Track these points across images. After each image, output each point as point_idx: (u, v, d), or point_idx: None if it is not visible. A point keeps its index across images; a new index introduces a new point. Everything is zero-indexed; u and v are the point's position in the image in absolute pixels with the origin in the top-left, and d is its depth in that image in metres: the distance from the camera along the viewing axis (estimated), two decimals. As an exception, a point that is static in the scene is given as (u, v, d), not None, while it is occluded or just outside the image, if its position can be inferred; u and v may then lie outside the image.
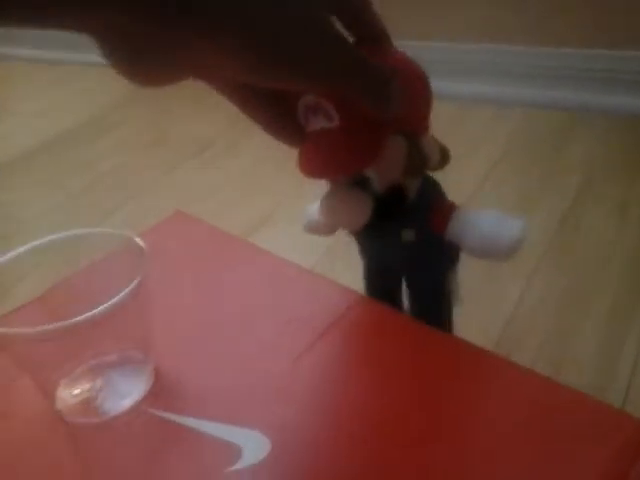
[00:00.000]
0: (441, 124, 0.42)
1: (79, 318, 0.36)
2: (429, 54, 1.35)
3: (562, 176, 0.99)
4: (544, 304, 0.73)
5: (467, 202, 0.95)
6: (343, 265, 0.74)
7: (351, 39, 0.35)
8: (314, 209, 0.46)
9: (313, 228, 0.48)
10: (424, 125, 0.40)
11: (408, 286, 0.47)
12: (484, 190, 0.99)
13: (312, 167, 0.38)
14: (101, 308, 0.36)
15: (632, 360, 0.62)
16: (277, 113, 0.37)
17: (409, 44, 1.38)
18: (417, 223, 0.42)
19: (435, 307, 0.47)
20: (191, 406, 0.40)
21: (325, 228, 0.47)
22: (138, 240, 0.41)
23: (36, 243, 0.43)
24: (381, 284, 0.48)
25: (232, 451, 0.37)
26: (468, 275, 0.46)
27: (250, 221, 0.97)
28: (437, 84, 0.39)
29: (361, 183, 0.40)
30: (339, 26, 0.33)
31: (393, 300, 0.48)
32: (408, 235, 0.42)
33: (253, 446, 0.37)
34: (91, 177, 1.23)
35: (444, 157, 0.42)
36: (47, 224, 1.07)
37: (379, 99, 0.33)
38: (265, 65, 0.28)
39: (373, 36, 0.36)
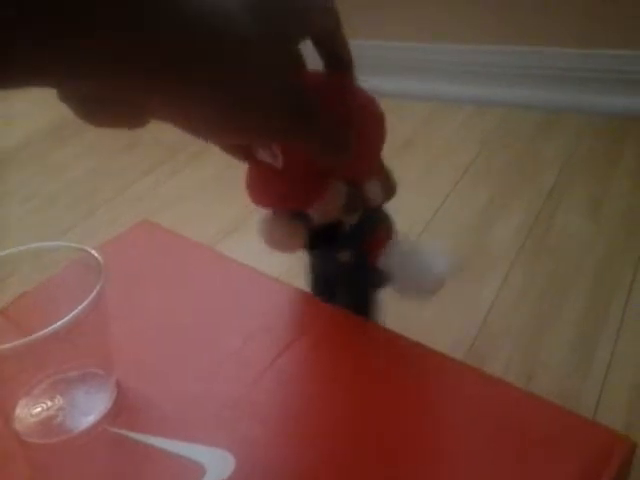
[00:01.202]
0: (419, 123, 0.42)
1: (36, 335, 0.35)
2: (407, 54, 1.35)
3: (538, 174, 0.99)
4: (518, 305, 0.72)
5: (445, 199, 0.96)
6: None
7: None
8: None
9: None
10: (370, 172, 0.41)
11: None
12: (460, 188, 0.99)
13: (254, 195, 0.40)
14: (58, 324, 0.35)
15: (605, 363, 0.62)
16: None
17: (388, 44, 1.38)
18: (352, 249, 0.44)
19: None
20: (153, 423, 0.39)
21: None
22: (94, 253, 0.40)
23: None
24: (322, 284, 0.49)
25: (195, 470, 0.36)
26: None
27: (222, 228, 0.96)
28: (416, 84, 0.39)
29: (300, 213, 0.42)
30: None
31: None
32: (344, 257, 0.44)
33: (217, 464, 0.36)
34: (61, 183, 1.21)
35: (389, 193, 0.43)
36: (18, 232, 1.05)
37: (328, 152, 0.33)
38: (227, 126, 0.28)
39: (340, 62, 0.36)
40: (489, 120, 1.20)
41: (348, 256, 0.43)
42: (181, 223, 0.60)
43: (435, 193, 0.97)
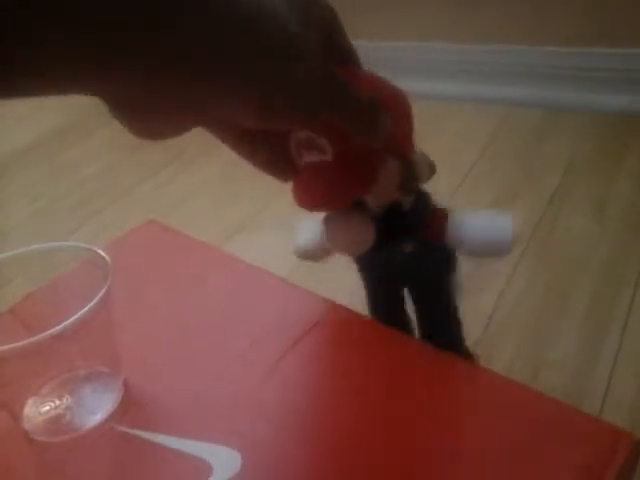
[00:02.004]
0: (421, 123, 0.42)
1: (44, 335, 0.35)
2: (407, 54, 1.35)
3: (541, 174, 0.99)
4: (523, 305, 0.72)
5: (447, 200, 0.96)
6: (321, 272, 0.74)
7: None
8: (305, 237, 0.46)
9: (307, 256, 0.48)
10: (411, 143, 0.40)
11: (413, 299, 0.47)
12: (463, 188, 0.99)
13: (311, 200, 0.39)
14: (65, 323, 0.35)
15: (611, 361, 0.62)
16: (269, 152, 0.37)
17: (388, 45, 1.37)
18: (416, 235, 0.42)
19: (442, 314, 0.47)
20: (160, 422, 0.40)
21: (319, 255, 0.47)
22: (102, 252, 0.40)
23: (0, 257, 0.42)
24: (385, 300, 0.48)
25: (202, 468, 0.36)
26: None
27: (229, 227, 0.96)
28: (416, 83, 0.40)
29: (358, 206, 0.41)
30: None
31: (399, 315, 0.48)
32: (408, 247, 0.42)
33: (224, 462, 0.36)
34: (68, 184, 1.21)
35: (431, 170, 0.42)
36: (26, 233, 1.06)
37: (368, 128, 0.33)
38: (269, 110, 0.29)
39: (344, 57, 0.36)
40: (491, 119, 1.20)
41: (413, 247, 0.42)
42: (189, 222, 0.60)
43: (438, 194, 0.97)
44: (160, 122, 0.30)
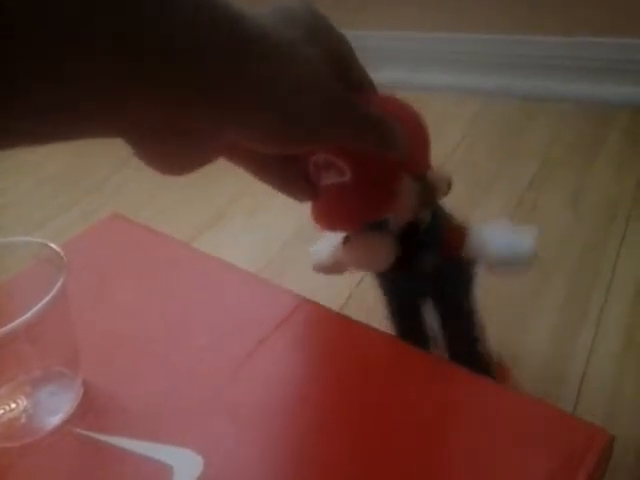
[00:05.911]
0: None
1: (-5, 333, 0.33)
2: (387, 43, 1.34)
3: (518, 164, 0.99)
4: (498, 297, 0.72)
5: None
6: (293, 269, 0.73)
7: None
8: (322, 251, 0.47)
9: (323, 269, 0.48)
10: (428, 162, 0.41)
11: (436, 310, 0.47)
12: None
13: (329, 221, 0.39)
14: (15, 323, 0.34)
15: (585, 356, 0.61)
16: (289, 175, 0.38)
17: (367, 34, 1.34)
18: (435, 249, 0.43)
19: (464, 325, 0.47)
20: (121, 424, 0.38)
21: (335, 269, 0.47)
22: (57, 248, 0.38)
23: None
24: (405, 315, 0.48)
25: (163, 471, 0.35)
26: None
27: (199, 224, 0.94)
28: (396, 73, 0.39)
29: (378, 224, 0.41)
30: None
31: (419, 330, 0.48)
32: (427, 264, 0.43)
33: (185, 465, 0.35)
34: (35, 180, 1.19)
35: (448, 185, 0.43)
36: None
37: (381, 138, 0.34)
38: (291, 138, 0.30)
39: (361, 84, 0.37)
40: (471, 108, 1.19)
41: (433, 260, 0.42)
42: (159, 218, 0.58)
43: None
44: (184, 156, 0.30)
